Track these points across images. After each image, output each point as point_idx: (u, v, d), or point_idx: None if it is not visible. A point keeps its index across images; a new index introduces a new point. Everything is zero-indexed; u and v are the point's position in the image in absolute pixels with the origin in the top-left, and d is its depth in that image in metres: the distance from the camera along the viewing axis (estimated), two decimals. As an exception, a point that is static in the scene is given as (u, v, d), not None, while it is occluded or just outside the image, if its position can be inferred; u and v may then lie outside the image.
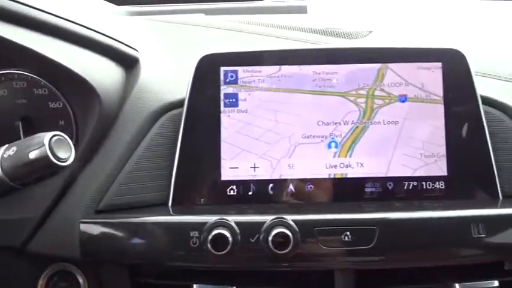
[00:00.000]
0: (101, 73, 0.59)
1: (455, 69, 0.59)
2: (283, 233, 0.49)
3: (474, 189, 0.57)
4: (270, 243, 0.49)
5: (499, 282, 0.54)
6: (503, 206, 0.55)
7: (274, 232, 0.49)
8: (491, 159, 0.57)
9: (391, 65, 0.59)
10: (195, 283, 0.54)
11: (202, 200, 0.58)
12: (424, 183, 0.58)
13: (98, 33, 0.60)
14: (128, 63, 0.64)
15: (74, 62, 0.56)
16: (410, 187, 0.58)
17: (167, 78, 0.64)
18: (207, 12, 0.92)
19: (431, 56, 0.60)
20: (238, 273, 0.56)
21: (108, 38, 0.62)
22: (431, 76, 0.59)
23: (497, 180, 0.57)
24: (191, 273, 0.56)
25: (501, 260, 0.53)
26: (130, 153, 0.58)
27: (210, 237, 0.49)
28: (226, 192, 0.58)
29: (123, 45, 0.64)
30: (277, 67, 0.59)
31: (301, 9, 0.90)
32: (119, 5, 0.92)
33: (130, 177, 0.57)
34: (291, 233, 0.49)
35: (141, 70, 0.64)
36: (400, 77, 0.59)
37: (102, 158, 0.57)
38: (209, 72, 0.59)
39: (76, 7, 0.65)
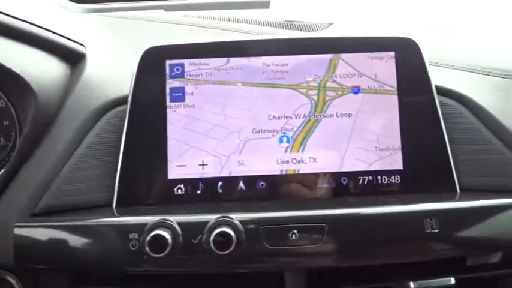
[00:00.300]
0: (38, 69, 0.56)
1: (408, 58, 0.57)
2: (225, 232, 0.46)
3: (431, 183, 0.55)
4: (211, 244, 0.46)
5: (455, 280, 0.51)
6: (459, 200, 0.53)
7: (215, 232, 0.47)
8: (447, 151, 0.56)
9: (343, 55, 0.57)
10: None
11: (148, 200, 0.55)
12: (379, 177, 0.55)
13: (38, 28, 0.57)
14: (73, 58, 0.61)
15: (7, 57, 0.53)
16: (365, 182, 0.55)
17: (114, 75, 0.62)
18: (167, 8, 0.89)
19: (384, 45, 0.57)
20: (186, 277, 0.53)
21: (50, 33, 0.59)
22: (384, 66, 0.57)
23: (454, 173, 0.55)
24: (136, 278, 0.53)
25: (457, 256, 0.51)
26: (72, 151, 0.55)
27: (148, 238, 0.46)
28: (174, 191, 0.55)
29: (68, 40, 0.61)
30: (225, 59, 0.57)
31: (264, 5, 0.88)
32: (80, 2, 0.90)
33: (71, 177, 0.54)
34: (234, 232, 0.47)
35: (87, 66, 0.61)
36: (353, 67, 0.57)
37: (40, 158, 0.54)
38: (154, 65, 0.57)
39: (19, 1, 0.62)
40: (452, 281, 0.50)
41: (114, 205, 0.54)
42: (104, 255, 0.49)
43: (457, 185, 0.55)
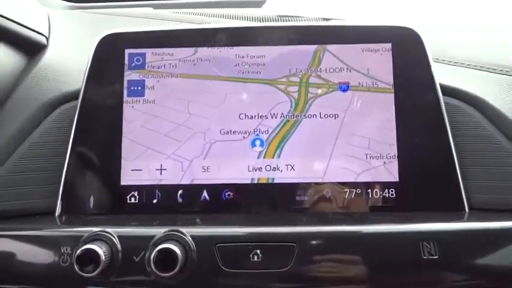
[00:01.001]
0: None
1: (408, 51, 0.48)
2: (168, 249, 0.38)
3: (432, 199, 0.45)
4: (152, 262, 0.38)
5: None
6: (467, 221, 0.43)
7: (158, 248, 0.38)
8: (454, 161, 0.46)
9: (330, 47, 0.49)
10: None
11: (96, 209, 0.47)
12: (369, 190, 0.46)
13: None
14: (31, 48, 0.55)
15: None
16: (353, 196, 0.46)
17: (74, 69, 0.55)
18: (156, 6, 0.84)
19: (379, 36, 0.49)
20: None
21: (6, 20, 0.53)
22: (379, 60, 0.49)
23: (461, 189, 0.45)
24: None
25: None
26: (12, 150, 0.48)
27: (78, 253, 0.39)
28: (126, 199, 0.47)
29: (27, 30, 0.55)
30: (192, 49, 0.50)
31: (257, 4, 0.81)
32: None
33: (9, 179, 0.47)
34: (182, 250, 0.38)
35: (44, 57, 0.55)
36: (341, 61, 0.49)
37: (-25, 156, 0.47)
38: (111, 55, 0.50)
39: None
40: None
41: (57, 213, 0.47)
42: (32, 271, 0.41)
43: (465, 203, 0.45)
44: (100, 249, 0.38)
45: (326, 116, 0.48)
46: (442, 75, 0.49)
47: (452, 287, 0.40)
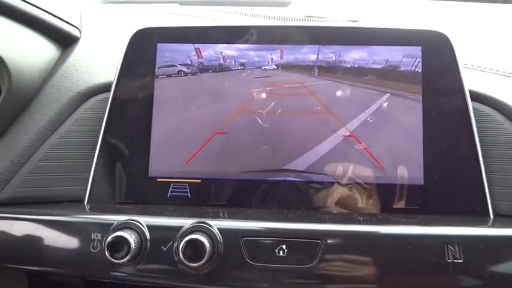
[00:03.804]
0: (21, 48, 0.51)
1: (437, 55, 0.49)
2: (197, 239, 0.39)
3: (457, 204, 0.46)
4: (181, 252, 0.39)
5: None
6: (492, 226, 0.43)
7: (186, 239, 0.39)
8: (480, 167, 0.46)
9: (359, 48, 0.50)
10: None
11: (124, 198, 0.48)
12: (394, 193, 0.46)
13: (30, 6, 0.53)
14: (64, 41, 0.57)
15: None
16: (377, 197, 0.46)
17: (107, 61, 0.56)
18: (183, 3, 0.85)
19: (410, 39, 0.49)
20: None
21: (42, 12, 0.54)
22: (408, 63, 0.49)
23: (487, 194, 0.45)
24: (100, 285, 0.46)
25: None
26: (45, 138, 0.49)
27: (108, 240, 0.40)
28: (154, 190, 0.48)
29: (61, 22, 0.56)
30: (219, 46, 0.50)
31: (283, 4, 0.81)
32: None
33: (41, 166, 0.48)
34: (210, 241, 0.39)
35: (77, 49, 0.56)
36: (371, 62, 0.49)
37: (10, 142, 0.49)
38: (144, 48, 0.51)
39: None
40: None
41: (86, 201, 0.48)
42: (63, 256, 0.43)
43: (490, 209, 0.45)
44: (130, 237, 0.40)
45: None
46: (471, 81, 0.49)
47: (475, 291, 0.40)
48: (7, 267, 0.45)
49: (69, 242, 0.43)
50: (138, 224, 0.41)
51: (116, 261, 0.39)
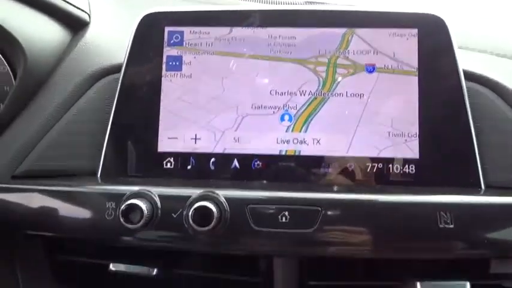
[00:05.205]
0: (35, 31, 0.54)
1: (433, 37, 0.51)
2: (205, 206, 0.42)
3: (451, 176, 0.48)
4: (190, 218, 0.42)
5: (471, 285, 0.44)
6: (483, 195, 0.46)
7: (195, 205, 0.42)
8: (473, 142, 0.49)
9: (358, 30, 0.52)
10: (112, 262, 0.47)
11: (135, 172, 0.51)
12: (390, 166, 0.49)
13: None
14: (75, 25, 0.59)
15: (6, 19, 0.51)
16: (374, 170, 0.49)
17: (116, 44, 0.59)
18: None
19: (406, 21, 0.52)
20: (166, 254, 0.48)
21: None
22: (405, 44, 0.51)
23: (479, 167, 0.48)
24: (114, 252, 0.49)
25: (474, 258, 0.44)
26: (60, 115, 0.52)
27: (122, 207, 0.42)
28: (163, 165, 0.51)
29: (72, 7, 0.59)
30: (227, 29, 0.53)
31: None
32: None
33: (57, 141, 0.51)
34: (217, 208, 0.42)
35: (88, 33, 0.59)
36: (368, 44, 0.52)
37: (27, 119, 0.52)
38: (152, 32, 0.53)
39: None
40: (468, 286, 0.43)
41: (99, 174, 0.51)
42: (79, 223, 0.46)
43: (482, 181, 0.48)
44: (143, 205, 0.42)
45: (352, 95, 0.51)
46: (465, 61, 0.51)
47: (466, 255, 0.43)
48: (26, 236, 0.48)
49: (85, 210, 0.46)
50: (150, 194, 0.44)
51: (130, 226, 0.42)
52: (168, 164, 0.51)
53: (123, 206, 0.42)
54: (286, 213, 0.43)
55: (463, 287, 0.43)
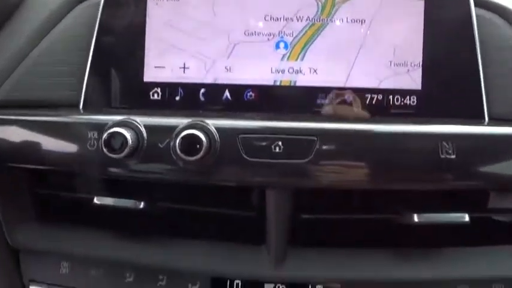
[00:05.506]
0: None
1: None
2: (194, 134, 0.39)
3: (454, 108, 0.45)
4: (178, 147, 0.39)
5: (470, 218, 0.42)
6: (486, 126, 0.44)
7: (183, 133, 0.39)
8: (479, 72, 0.46)
9: (361, -51, 0.48)
10: (96, 196, 0.45)
11: (119, 103, 0.48)
12: (391, 97, 0.46)
13: None
14: None
15: None
16: (374, 101, 0.46)
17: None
18: None
19: None
20: (155, 188, 0.46)
21: None
22: (411, -35, 0.47)
23: (483, 99, 0.46)
24: (99, 186, 0.47)
25: (475, 189, 0.42)
26: (36, 43, 0.48)
27: (105, 135, 0.40)
28: (149, 96, 0.48)
29: None
30: None
31: None
32: None
33: (34, 70, 0.47)
34: (207, 137, 0.40)
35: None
36: (372, -36, 0.48)
37: (1, 46, 0.48)
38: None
39: None
40: (466, 218, 0.42)
41: (80, 106, 0.48)
42: (61, 154, 0.43)
43: (486, 113, 0.45)
44: (127, 133, 0.40)
45: (353, 21, 0.47)
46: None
47: (466, 186, 0.41)
48: (5, 168, 0.46)
49: (66, 141, 0.43)
50: (135, 123, 0.41)
51: (113, 155, 0.39)
52: (155, 95, 0.48)
53: (105, 134, 0.40)
54: (280, 143, 0.40)
55: (461, 218, 0.41)
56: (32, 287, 0.48)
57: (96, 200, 0.44)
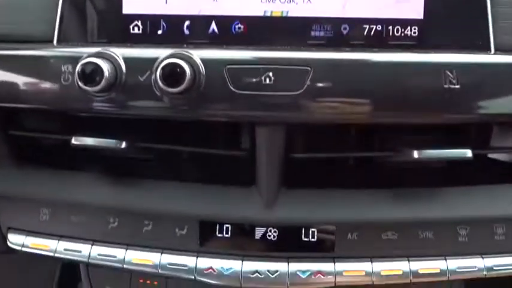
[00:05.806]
0: None
1: None
2: (176, 63, 0.36)
3: (458, 38, 0.42)
4: (159, 77, 0.36)
5: (473, 154, 0.40)
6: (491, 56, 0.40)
7: (165, 62, 0.36)
8: (486, 1, 0.42)
9: None
10: (74, 135, 0.42)
11: (97, 38, 0.44)
12: (391, 27, 0.43)
13: None
14: None
15: None
16: (372, 32, 0.43)
17: None
18: None
19: None
20: (135, 125, 0.43)
21: None
22: None
23: (490, 29, 0.42)
24: (74, 126, 0.44)
25: (481, 122, 0.39)
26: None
27: (78, 67, 0.36)
28: (129, 29, 0.44)
29: None
30: None
31: None
32: None
33: (3, 3, 0.43)
34: (191, 68, 0.36)
35: None
36: None
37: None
38: None
39: None
40: (469, 153, 0.39)
41: (55, 41, 0.44)
42: (34, 91, 0.40)
43: (492, 43, 0.42)
44: (103, 65, 0.36)
45: None
46: None
47: (470, 119, 0.38)
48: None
49: (39, 76, 0.40)
50: (112, 54, 0.38)
51: (88, 88, 0.36)
52: (136, 29, 0.44)
53: (78, 65, 0.36)
54: (270, 73, 0.37)
55: (464, 154, 0.39)
56: (10, 234, 0.46)
57: (74, 141, 0.41)
